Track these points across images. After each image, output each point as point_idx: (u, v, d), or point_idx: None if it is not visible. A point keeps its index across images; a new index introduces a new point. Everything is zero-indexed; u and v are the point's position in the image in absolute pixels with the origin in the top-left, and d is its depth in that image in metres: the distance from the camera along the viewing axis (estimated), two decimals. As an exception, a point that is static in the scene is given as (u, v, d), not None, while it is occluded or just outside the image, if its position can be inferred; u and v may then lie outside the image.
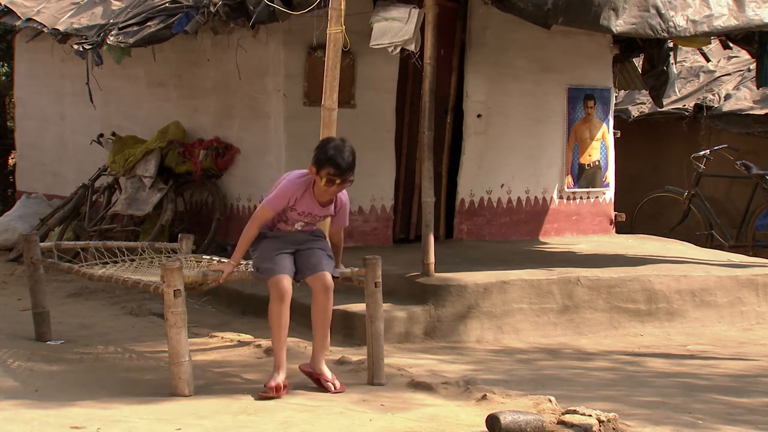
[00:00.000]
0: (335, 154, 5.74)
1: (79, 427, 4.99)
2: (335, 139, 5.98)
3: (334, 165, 5.73)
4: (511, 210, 10.48)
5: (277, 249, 5.88)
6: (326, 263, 5.96)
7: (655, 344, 8.13)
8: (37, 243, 7.35)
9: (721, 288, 8.95)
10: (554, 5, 8.05)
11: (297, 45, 9.42)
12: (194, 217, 10.54)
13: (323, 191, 5.83)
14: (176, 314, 5.69)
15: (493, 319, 8.09)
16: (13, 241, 11.34)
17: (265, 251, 5.90)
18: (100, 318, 8.25)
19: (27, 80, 13.30)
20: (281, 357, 5.80)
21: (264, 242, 5.92)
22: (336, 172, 5.75)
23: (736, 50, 12.45)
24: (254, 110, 9.98)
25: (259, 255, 5.95)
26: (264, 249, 5.92)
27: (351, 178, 5.81)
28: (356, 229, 9.62)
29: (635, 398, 6.21)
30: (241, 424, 5.15)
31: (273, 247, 5.88)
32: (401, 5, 8.58)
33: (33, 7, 11.68)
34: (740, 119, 12.77)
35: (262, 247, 5.93)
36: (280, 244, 5.90)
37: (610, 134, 11.15)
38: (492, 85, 10.20)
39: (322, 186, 5.80)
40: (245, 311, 8.50)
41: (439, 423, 5.19)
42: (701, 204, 12.05)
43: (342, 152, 5.76)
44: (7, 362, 6.48)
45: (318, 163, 5.78)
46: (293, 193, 5.85)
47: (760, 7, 8.84)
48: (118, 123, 11.45)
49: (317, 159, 5.79)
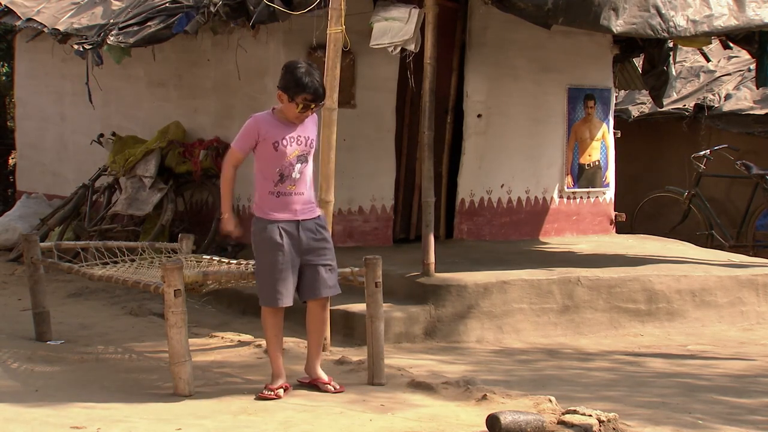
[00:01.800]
0: (310, 80, 5.64)
1: (79, 427, 4.99)
2: (299, 61, 5.84)
3: (311, 91, 5.65)
4: (511, 210, 10.47)
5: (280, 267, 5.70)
6: (328, 286, 5.85)
7: (656, 344, 8.13)
8: (37, 243, 7.36)
9: (721, 288, 8.95)
10: (554, 5, 8.05)
11: (297, 45, 9.41)
12: (194, 217, 10.54)
13: (296, 116, 5.72)
14: (176, 314, 5.69)
15: (494, 319, 8.09)
16: (13, 241, 11.33)
17: (269, 270, 5.74)
18: (100, 318, 8.25)
19: (27, 80, 13.30)
20: (279, 365, 5.81)
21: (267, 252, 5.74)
22: (313, 97, 5.67)
23: (737, 50, 12.44)
24: (254, 110, 9.82)
25: (261, 270, 5.81)
26: (267, 264, 5.75)
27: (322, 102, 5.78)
28: (356, 229, 9.62)
29: (635, 398, 6.21)
30: (241, 424, 5.15)
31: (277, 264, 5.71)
32: (401, 5, 8.58)
33: (33, 7, 11.68)
34: (740, 119, 12.77)
35: (265, 261, 5.77)
36: (285, 257, 5.71)
37: (610, 134, 11.14)
38: (492, 85, 10.20)
39: (296, 112, 5.70)
40: (245, 311, 8.49)
41: (439, 423, 5.19)
42: (701, 204, 12.04)
43: (313, 75, 5.68)
44: (7, 362, 6.48)
45: (289, 89, 5.67)
46: (255, 128, 5.75)
47: (760, 7, 8.84)
48: (118, 123, 11.45)
49: (288, 85, 5.68)
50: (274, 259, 5.73)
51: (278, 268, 5.71)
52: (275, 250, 5.72)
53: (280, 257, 5.71)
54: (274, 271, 5.73)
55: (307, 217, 5.82)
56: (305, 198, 5.83)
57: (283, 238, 5.73)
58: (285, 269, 5.72)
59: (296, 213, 5.78)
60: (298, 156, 5.78)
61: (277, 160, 5.74)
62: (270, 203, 5.77)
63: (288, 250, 5.73)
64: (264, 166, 5.79)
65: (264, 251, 5.78)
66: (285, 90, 5.72)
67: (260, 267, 5.84)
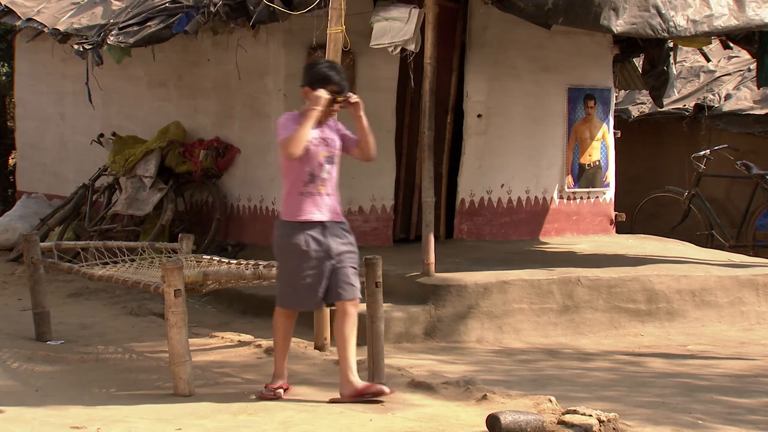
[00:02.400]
0: (334, 73, 5.72)
1: (79, 427, 4.99)
2: (321, 59, 5.90)
3: (336, 81, 5.69)
4: (511, 210, 10.47)
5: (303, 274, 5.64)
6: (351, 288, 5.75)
7: (656, 344, 8.13)
8: (37, 243, 7.36)
9: (721, 288, 8.95)
10: (554, 5, 8.05)
11: (297, 45, 9.42)
12: (194, 217, 10.54)
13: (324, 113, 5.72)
14: (177, 314, 5.69)
15: (494, 319, 8.09)
16: (13, 241, 11.34)
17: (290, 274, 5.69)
18: (100, 318, 8.25)
19: (27, 80, 13.30)
20: (281, 365, 5.78)
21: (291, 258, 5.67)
22: (339, 88, 5.70)
23: (737, 50, 12.45)
24: (254, 110, 9.99)
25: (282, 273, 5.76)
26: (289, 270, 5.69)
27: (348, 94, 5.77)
28: (356, 229, 9.56)
29: (635, 398, 6.21)
30: (241, 424, 5.15)
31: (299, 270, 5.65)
32: (401, 5, 8.58)
33: (33, 7, 11.69)
34: (740, 119, 12.77)
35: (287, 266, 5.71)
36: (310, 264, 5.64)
37: (610, 134, 11.14)
38: (492, 85, 10.20)
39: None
40: (245, 311, 8.50)
41: (440, 423, 5.19)
42: (701, 204, 12.04)
43: (337, 69, 5.75)
44: (7, 362, 6.48)
45: (315, 83, 5.69)
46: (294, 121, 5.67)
47: (760, 7, 8.84)
48: (118, 123, 11.45)
49: (313, 80, 5.72)
50: (297, 266, 5.67)
51: (301, 275, 5.66)
52: (299, 257, 5.65)
53: (303, 264, 5.65)
54: (295, 277, 5.68)
55: (334, 220, 5.77)
56: (333, 200, 5.80)
57: (310, 246, 5.65)
58: (308, 276, 5.65)
59: (325, 214, 5.72)
60: (327, 157, 5.78)
61: (308, 160, 5.71)
62: (299, 204, 5.69)
63: (314, 257, 5.65)
64: (294, 166, 5.71)
65: (287, 256, 5.72)
66: (311, 85, 5.73)
67: (282, 270, 5.80)
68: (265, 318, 8.27)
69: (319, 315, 6.86)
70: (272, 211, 9.73)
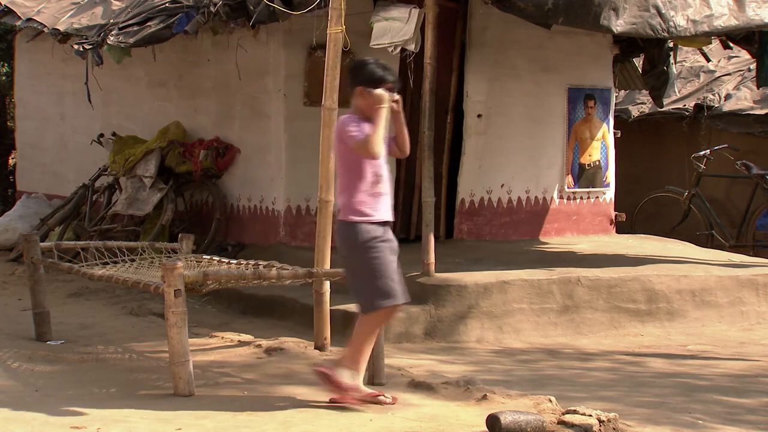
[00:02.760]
0: (386, 73, 5.65)
1: (79, 427, 4.99)
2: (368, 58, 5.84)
3: (390, 81, 5.64)
4: (511, 210, 10.47)
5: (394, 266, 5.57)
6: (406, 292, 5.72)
7: (656, 344, 8.13)
8: (37, 243, 7.36)
9: (721, 288, 8.95)
10: (554, 5, 8.05)
11: (297, 45, 9.42)
12: (194, 217, 10.54)
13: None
14: (177, 314, 5.69)
15: (494, 319, 8.09)
16: (13, 241, 11.34)
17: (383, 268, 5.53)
18: (100, 318, 8.25)
19: (27, 80, 13.30)
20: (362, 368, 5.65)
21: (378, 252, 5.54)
22: (392, 82, 5.66)
23: (737, 50, 12.45)
24: (255, 110, 9.98)
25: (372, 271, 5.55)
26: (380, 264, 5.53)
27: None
28: (356, 229, 9.60)
29: (635, 398, 6.21)
30: (241, 424, 5.15)
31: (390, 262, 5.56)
32: (401, 5, 8.58)
33: (33, 7, 11.69)
34: (740, 119, 12.78)
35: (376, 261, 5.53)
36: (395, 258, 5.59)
37: (610, 134, 11.14)
38: (492, 85, 10.20)
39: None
40: (245, 311, 8.50)
41: (440, 423, 5.19)
42: (701, 204, 12.04)
43: (386, 67, 5.71)
44: (7, 362, 6.48)
45: (371, 82, 5.61)
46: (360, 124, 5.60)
47: (760, 7, 8.84)
48: (118, 123, 11.45)
49: (369, 79, 5.63)
50: (387, 258, 5.56)
51: (392, 267, 5.57)
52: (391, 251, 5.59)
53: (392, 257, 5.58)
54: (388, 270, 5.55)
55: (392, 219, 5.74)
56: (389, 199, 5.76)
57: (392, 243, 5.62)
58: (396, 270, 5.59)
59: (390, 214, 5.68)
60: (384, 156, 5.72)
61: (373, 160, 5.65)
62: (368, 203, 5.59)
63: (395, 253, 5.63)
64: (358, 167, 5.61)
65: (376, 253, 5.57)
66: (367, 84, 5.65)
67: (371, 268, 5.57)
68: (265, 318, 8.30)
69: (320, 315, 6.86)
70: (272, 211, 9.73)
